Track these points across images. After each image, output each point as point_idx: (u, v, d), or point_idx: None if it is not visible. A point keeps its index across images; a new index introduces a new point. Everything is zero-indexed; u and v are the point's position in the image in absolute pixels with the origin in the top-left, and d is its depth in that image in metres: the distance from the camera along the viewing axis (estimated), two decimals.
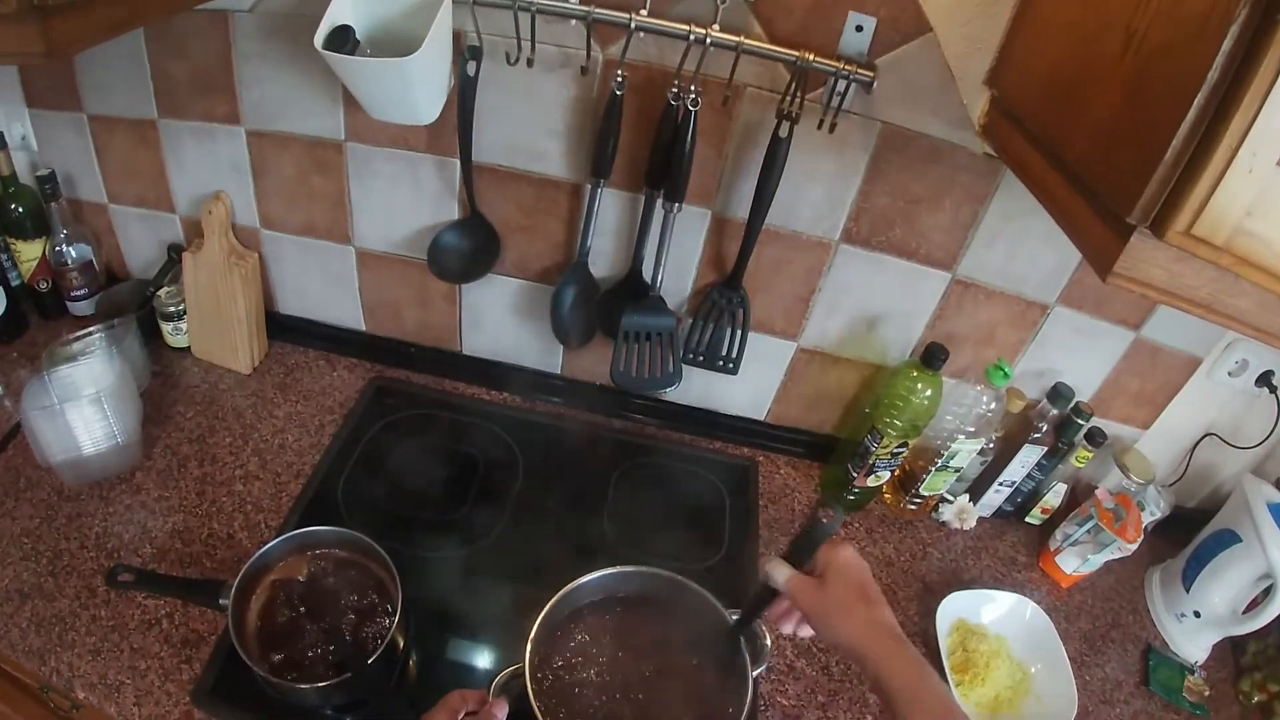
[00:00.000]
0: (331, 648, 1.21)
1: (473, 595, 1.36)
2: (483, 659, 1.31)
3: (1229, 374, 1.40)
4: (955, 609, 1.37)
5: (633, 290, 1.42)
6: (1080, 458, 1.44)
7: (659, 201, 1.31)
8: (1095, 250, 0.79)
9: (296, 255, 1.61)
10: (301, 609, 1.24)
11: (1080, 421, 1.40)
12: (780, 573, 0.96)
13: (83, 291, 1.66)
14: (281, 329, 1.71)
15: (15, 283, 1.66)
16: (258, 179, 1.52)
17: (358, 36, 1.21)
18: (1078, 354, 1.43)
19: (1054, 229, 1.18)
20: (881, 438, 1.39)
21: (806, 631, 1.01)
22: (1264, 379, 1.39)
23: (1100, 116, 0.81)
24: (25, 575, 1.34)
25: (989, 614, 1.39)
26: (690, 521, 1.48)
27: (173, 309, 1.62)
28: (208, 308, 1.60)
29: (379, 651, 1.17)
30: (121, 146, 1.56)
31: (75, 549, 1.37)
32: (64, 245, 1.61)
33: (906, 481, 1.50)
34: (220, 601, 1.21)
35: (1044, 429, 1.41)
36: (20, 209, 1.58)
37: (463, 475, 1.51)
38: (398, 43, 1.21)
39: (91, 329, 1.51)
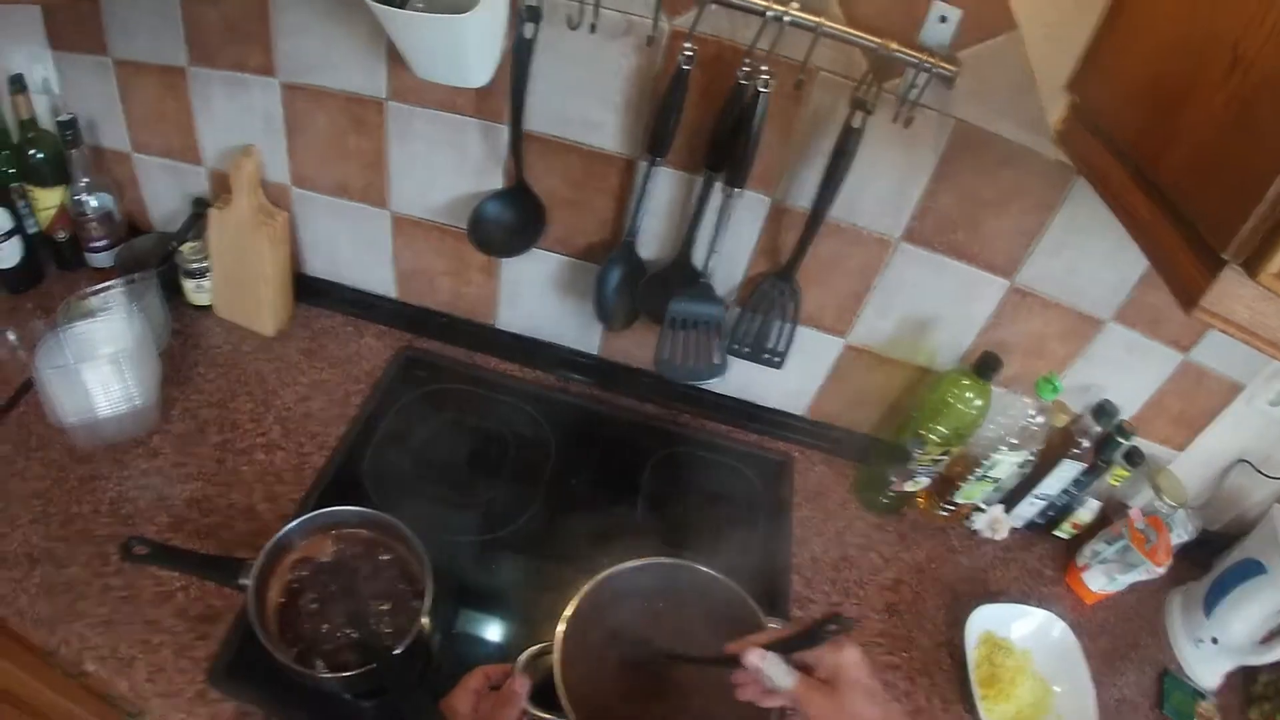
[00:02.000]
0: (355, 633, 1.08)
1: (501, 579, 1.24)
2: (509, 644, 1.17)
3: (1269, 403, 1.29)
4: (984, 621, 1.26)
5: (681, 275, 1.27)
6: (1117, 476, 1.33)
7: (717, 185, 1.17)
8: (1180, 280, 0.69)
9: (328, 216, 1.45)
10: (325, 591, 1.11)
11: (1121, 440, 1.28)
12: (786, 677, 0.79)
13: (103, 243, 1.49)
14: (308, 291, 1.54)
15: (32, 230, 1.48)
16: (291, 134, 1.36)
17: None
18: (1125, 372, 1.30)
19: (1119, 244, 1.07)
20: (925, 444, 1.26)
21: (774, 703, 0.85)
22: None
23: (1198, 140, 0.69)
24: (35, 539, 1.19)
25: (1017, 629, 1.28)
26: (724, 515, 1.35)
27: (196, 265, 1.45)
28: (232, 266, 1.43)
29: (407, 642, 1.04)
30: (148, 93, 1.39)
31: (88, 513, 1.23)
32: (84, 194, 1.43)
33: (942, 488, 1.38)
34: (241, 581, 1.07)
35: (1085, 445, 1.29)
36: (40, 155, 1.41)
37: (493, 454, 1.37)
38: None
39: (110, 283, 1.34)
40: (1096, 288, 1.22)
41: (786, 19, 0.98)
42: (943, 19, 1.00)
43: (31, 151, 1.40)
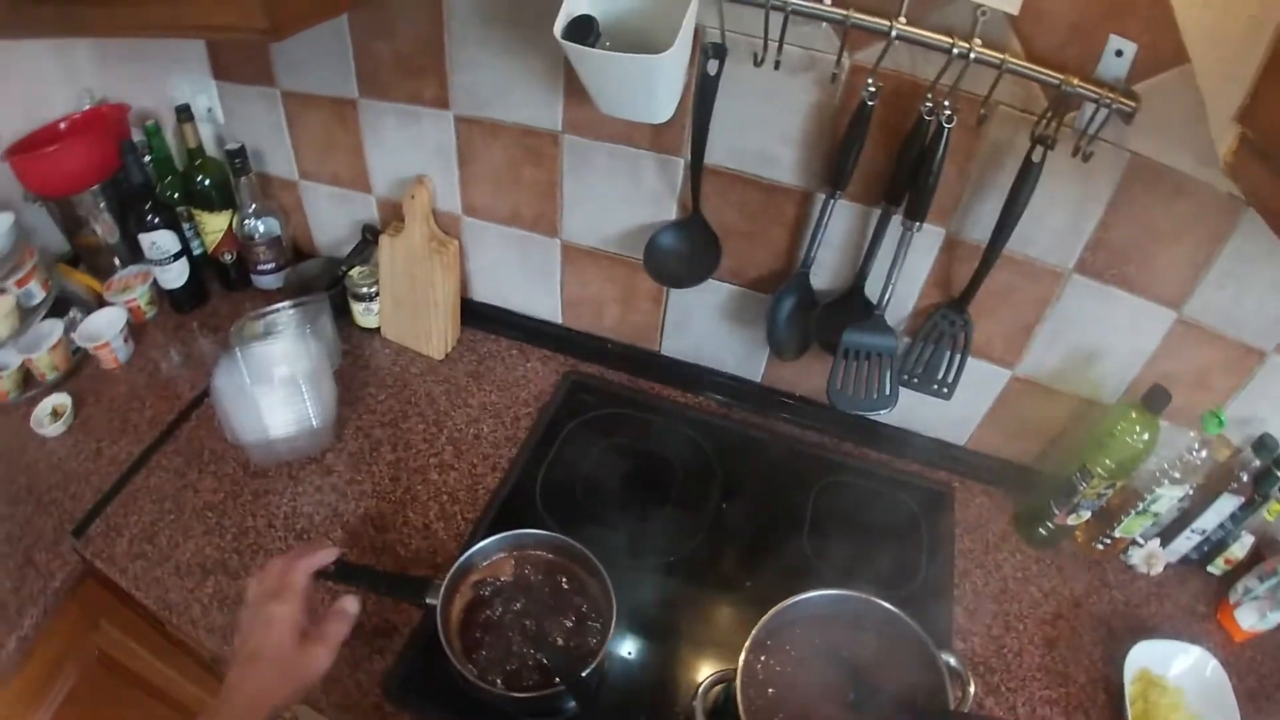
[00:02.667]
0: (535, 654, 1.09)
1: (670, 605, 1.24)
2: (675, 669, 1.18)
3: None
4: (1141, 658, 1.24)
5: (853, 306, 1.29)
6: (1273, 510, 1.31)
7: (895, 218, 1.18)
8: None
9: (497, 244, 1.49)
10: (506, 611, 1.12)
11: None
12: None
13: (269, 266, 1.54)
14: (473, 315, 1.58)
15: (198, 252, 1.53)
16: (464, 165, 1.40)
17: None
18: None
19: None
20: (1091, 478, 1.26)
21: None
22: None
23: None
24: (208, 550, 1.23)
25: (1173, 667, 1.26)
26: (887, 546, 1.34)
27: (365, 290, 1.49)
28: (402, 291, 1.47)
29: (594, 665, 1.05)
30: (317, 124, 1.44)
31: (262, 527, 1.26)
32: (252, 219, 1.48)
33: (1101, 521, 1.37)
34: (427, 600, 1.09)
35: (1244, 479, 1.28)
36: (207, 181, 1.46)
37: (660, 479, 1.39)
38: (631, 35, 1.08)
39: (283, 304, 1.38)
40: (1260, 319, 1.21)
41: (972, 55, 1.00)
42: (1119, 53, 1.00)
43: (199, 178, 1.45)
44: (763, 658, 1.06)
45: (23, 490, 1.30)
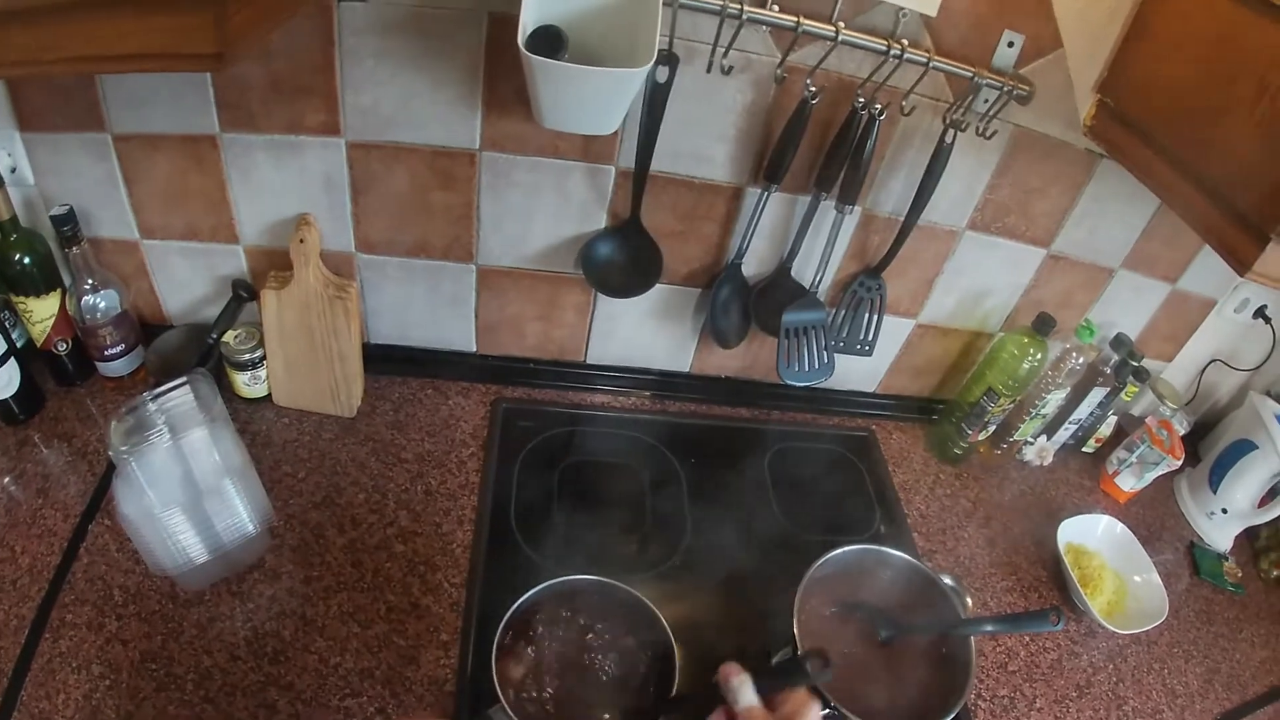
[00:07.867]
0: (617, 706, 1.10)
1: (687, 603, 1.33)
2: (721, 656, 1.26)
3: (1234, 310, 1.71)
4: (1066, 535, 1.57)
5: (783, 287, 1.48)
6: (1129, 393, 1.70)
7: (825, 203, 1.35)
8: (1231, 250, 0.97)
9: (399, 279, 1.46)
10: (566, 684, 1.10)
11: (1133, 363, 1.65)
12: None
13: (118, 349, 1.37)
14: (371, 360, 1.53)
15: (21, 343, 1.32)
16: (358, 197, 1.35)
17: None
18: (1129, 307, 1.67)
19: (1128, 206, 1.47)
20: (999, 398, 1.56)
21: None
22: (1259, 312, 1.71)
23: (1239, 151, 0.96)
24: (172, 710, 1.10)
25: (1090, 535, 1.61)
26: (842, 496, 1.59)
27: (247, 356, 1.39)
28: (297, 350, 1.39)
29: (675, 685, 1.07)
30: (164, 170, 1.30)
31: (225, 663, 1.16)
32: (90, 296, 1.31)
33: (1000, 431, 1.70)
34: None
35: (1108, 371, 1.65)
36: (26, 260, 1.27)
37: (628, 487, 1.50)
38: (578, 46, 1.10)
39: (157, 391, 1.21)
40: (1110, 244, 1.56)
41: (905, 56, 1.17)
42: (1010, 44, 1.25)
43: (16, 257, 1.25)
44: (804, 621, 1.19)
45: None
